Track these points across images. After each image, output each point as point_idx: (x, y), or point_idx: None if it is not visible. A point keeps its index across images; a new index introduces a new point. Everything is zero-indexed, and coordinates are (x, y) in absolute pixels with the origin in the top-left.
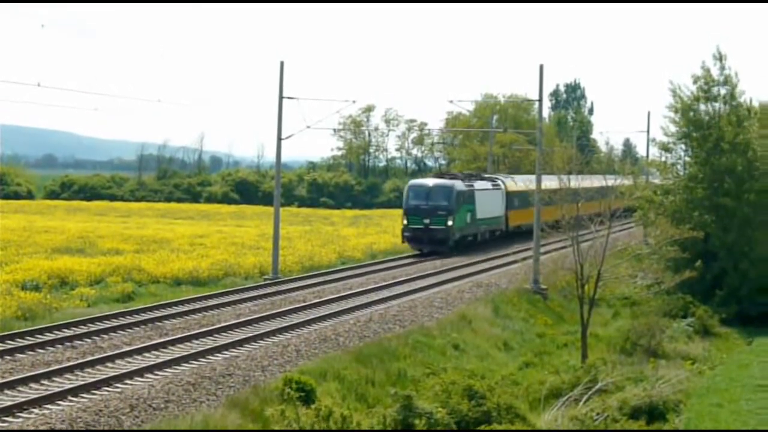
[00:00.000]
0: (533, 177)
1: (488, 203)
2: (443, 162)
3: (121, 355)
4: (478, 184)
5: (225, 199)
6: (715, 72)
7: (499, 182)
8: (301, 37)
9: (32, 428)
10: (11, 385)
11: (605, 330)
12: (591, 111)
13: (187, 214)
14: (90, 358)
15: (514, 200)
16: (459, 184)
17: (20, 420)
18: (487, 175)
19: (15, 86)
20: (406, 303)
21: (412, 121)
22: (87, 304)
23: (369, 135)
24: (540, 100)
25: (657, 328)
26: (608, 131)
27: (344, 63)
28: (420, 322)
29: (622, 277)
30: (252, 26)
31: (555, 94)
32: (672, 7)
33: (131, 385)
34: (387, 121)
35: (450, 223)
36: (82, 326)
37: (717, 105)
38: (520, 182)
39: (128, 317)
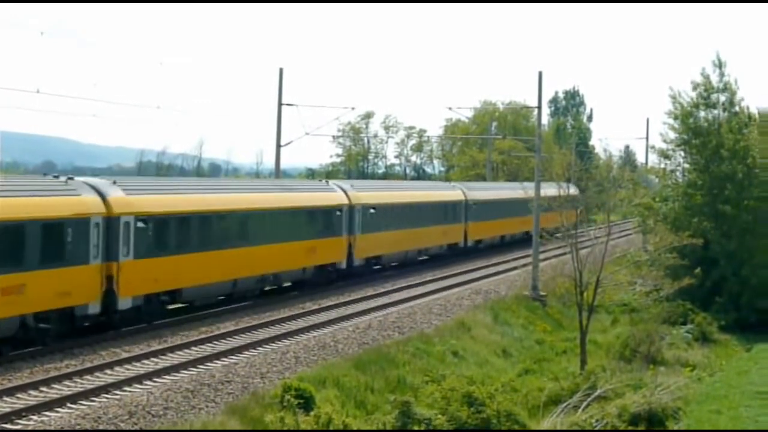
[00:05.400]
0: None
1: None
2: (442, 169)
3: (120, 362)
4: None
5: None
6: (714, 79)
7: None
8: (300, 44)
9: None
10: (10, 392)
11: (604, 337)
12: (590, 118)
13: None
14: (89, 365)
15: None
16: None
17: (19, 427)
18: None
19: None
20: (405, 310)
21: (411, 127)
22: None
23: (368, 142)
24: (539, 107)
25: (656, 334)
26: (607, 138)
27: (343, 70)
28: (419, 329)
29: (621, 284)
30: (251, 33)
31: (554, 100)
32: (671, 13)
33: (130, 392)
34: (386, 128)
35: None
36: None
37: (716, 112)
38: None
39: (127, 324)
